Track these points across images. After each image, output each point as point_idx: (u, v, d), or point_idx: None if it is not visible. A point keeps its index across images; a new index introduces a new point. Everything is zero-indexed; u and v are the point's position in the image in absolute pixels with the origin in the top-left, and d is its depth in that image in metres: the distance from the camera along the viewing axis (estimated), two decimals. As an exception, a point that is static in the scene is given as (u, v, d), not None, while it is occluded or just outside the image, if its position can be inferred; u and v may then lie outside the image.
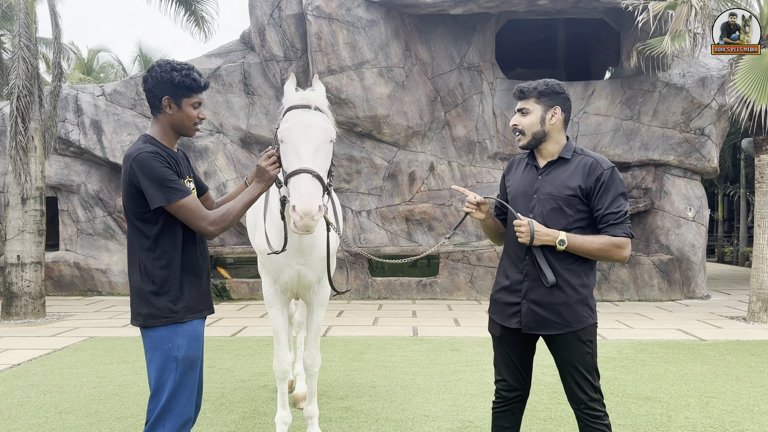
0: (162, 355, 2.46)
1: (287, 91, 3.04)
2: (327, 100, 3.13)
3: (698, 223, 10.93)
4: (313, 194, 2.67)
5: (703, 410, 4.58)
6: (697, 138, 10.85)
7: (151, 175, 2.40)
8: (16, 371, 5.87)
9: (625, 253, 2.57)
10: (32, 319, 8.86)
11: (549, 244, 2.56)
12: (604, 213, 2.57)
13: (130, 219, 2.52)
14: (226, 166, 11.44)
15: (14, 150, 8.82)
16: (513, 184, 2.82)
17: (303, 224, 2.64)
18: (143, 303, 2.48)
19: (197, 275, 2.58)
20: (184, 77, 2.52)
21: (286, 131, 2.86)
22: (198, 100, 2.60)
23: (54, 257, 11.55)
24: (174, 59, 2.62)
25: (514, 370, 2.76)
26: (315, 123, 2.87)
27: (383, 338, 7.35)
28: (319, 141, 2.85)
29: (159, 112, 2.57)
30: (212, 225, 2.49)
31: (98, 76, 24.61)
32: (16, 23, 8.96)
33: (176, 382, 2.46)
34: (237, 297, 11.03)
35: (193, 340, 2.53)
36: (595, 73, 15.13)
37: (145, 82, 2.55)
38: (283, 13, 10.83)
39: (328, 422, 4.28)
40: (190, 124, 2.61)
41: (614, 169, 2.63)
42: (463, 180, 11.39)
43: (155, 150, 2.45)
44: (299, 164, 2.74)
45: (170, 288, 2.48)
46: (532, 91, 2.67)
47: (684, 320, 8.72)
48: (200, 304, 2.59)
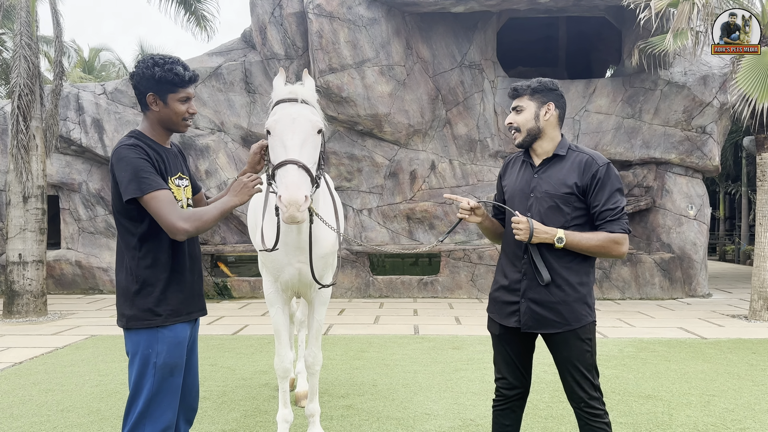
0: (141, 359, 2.39)
1: (276, 85, 3.07)
2: (316, 93, 3.15)
3: (700, 221, 10.92)
4: (299, 185, 2.68)
5: (705, 409, 4.57)
6: (699, 136, 10.83)
7: (125, 167, 2.33)
8: (18, 369, 5.89)
9: (623, 249, 2.58)
10: (34, 317, 8.87)
11: (547, 241, 2.56)
12: (601, 209, 2.58)
13: (116, 216, 2.45)
14: (227, 164, 11.44)
15: (16, 148, 8.83)
16: (509, 184, 2.82)
17: (289, 214, 2.64)
18: (127, 304, 2.41)
19: (184, 276, 2.50)
20: (165, 72, 2.42)
21: (274, 123, 2.90)
22: (185, 94, 2.49)
23: (55, 256, 11.56)
24: (159, 53, 2.54)
25: (514, 369, 2.76)
26: (302, 115, 2.90)
27: (384, 336, 7.36)
28: (306, 133, 2.86)
29: (147, 109, 2.50)
30: (184, 222, 2.33)
31: (99, 74, 24.61)
32: (17, 22, 8.96)
33: (154, 387, 2.38)
34: (238, 295, 11.04)
35: (174, 346, 2.44)
36: (597, 71, 15.11)
37: (132, 78, 2.49)
38: (284, 12, 10.82)
39: (329, 420, 4.29)
40: (178, 119, 2.51)
41: (610, 165, 2.63)
42: (464, 178, 11.38)
43: (136, 143, 2.39)
44: (286, 155, 2.76)
45: (154, 289, 2.40)
46: (525, 89, 2.69)
47: (685, 319, 8.71)
48: (187, 306, 2.51)
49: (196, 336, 2.72)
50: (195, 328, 2.67)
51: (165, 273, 2.42)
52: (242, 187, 2.51)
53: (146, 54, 2.55)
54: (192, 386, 2.67)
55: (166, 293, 2.42)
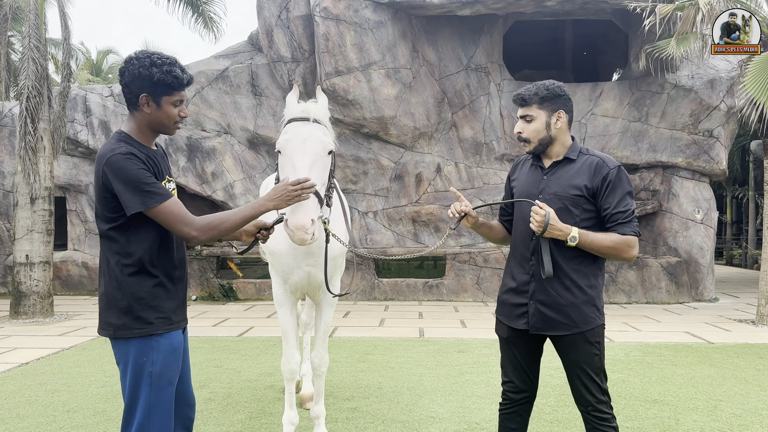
0: (134, 369, 2.29)
1: (289, 102, 3.07)
2: (328, 112, 3.15)
3: (706, 225, 10.87)
4: (307, 209, 2.68)
5: (711, 413, 4.55)
6: (706, 140, 10.80)
7: (125, 179, 2.20)
8: (25, 370, 5.91)
9: (634, 252, 2.57)
10: (40, 318, 8.90)
11: (560, 238, 2.54)
12: (612, 212, 2.57)
13: (100, 223, 2.33)
14: (233, 166, 11.47)
15: (23, 150, 8.88)
16: (518, 185, 2.81)
17: (297, 238, 2.66)
18: (113, 312, 2.29)
19: (173, 284, 2.40)
20: (164, 74, 2.27)
21: (285, 143, 2.89)
22: (179, 97, 2.35)
23: (62, 257, 11.61)
24: (156, 51, 2.37)
25: (521, 372, 2.75)
26: (313, 136, 2.89)
27: (390, 339, 7.35)
28: (317, 154, 2.87)
29: (136, 110, 2.33)
30: (198, 231, 2.25)
31: (107, 76, 24.74)
32: (25, 25, 9.02)
33: (151, 398, 2.29)
34: (244, 297, 11.05)
35: (170, 354, 2.35)
36: (603, 74, 15.09)
37: (122, 76, 2.31)
38: (291, 15, 10.85)
39: (334, 423, 4.29)
40: (170, 123, 2.37)
41: (620, 168, 2.62)
42: (470, 181, 11.37)
43: (129, 151, 2.24)
44: (295, 177, 2.73)
45: (142, 297, 2.29)
46: (533, 98, 2.63)
47: (692, 323, 8.67)
48: (177, 315, 2.41)
49: (187, 344, 2.64)
50: (185, 336, 2.60)
51: (154, 281, 2.32)
52: (284, 193, 2.40)
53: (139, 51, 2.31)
54: (187, 395, 2.58)
55: (157, 301, 2.32)
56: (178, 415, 2.54)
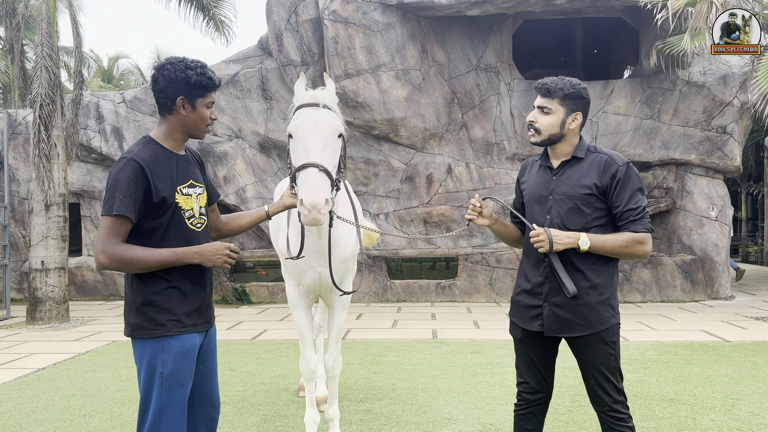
0: (147, 368, 2.35)
1: (297, 90, 3.12)
2: (336, 97, 3.21)
3: (721, 222, 10.76)
4: (321, 187, 2.71)
5: (729, 412, 4.50)
6: (719, 136, 10.69)
7: (111, 181, 2.30)
8: (41, 375, 5.96)
9: (647, 248, 2.55)
10: (56, 323, 8.99)
11: (572, 246, 2.53)
12: (623, 210, 2.55)
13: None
14: (245, 170, 11.52)
15: (38, 157, 8.97)
16: (528, 187, 2.80)
17: (311, 217, 2.67)
18: (132, 312, 2.38)
19: (191, 287, 2.43)
20: (200, 76, 2.39)
21: (296, 127, 2.94)
22: (211, 99, 2.47)
23: (77, 263, 11.71)
24: (185, 56, 2.47)
25: (536, 373, 2.73)
26: (323, 119, 2.95)
27: (402, 341, 7.34)
28: (327, 137, 2.91)
29: (170, 113, 2.44)
30: (108, 258, 2.26)
31: (118, 83, 24.98)
32: (38, 33, 9.12)
33: (162, 398, 2.33)
34: (257, 300, 11.09)
35: (182, 356, 2.37)
36: (614, 72, 14.99)
37: (156, 82, 2.41)
38: (300, 18, 10.89)
39: (348, 425, 4.29)
40: (203, 125, 2.48)
41: (629, 164, 2.60)
42: (481, 182, 11.34)
43: (139, 157, 2.32)
44: (307, 159, 2.81)
45: (158, 298, 2.35)
46: (558, 91, 2.61)
47: (708, 321, 8.58)
48: (192, 318, 2.43)
49: (214, 346, 2.66)
50: (210, 338, 2.62)
51: (164, 283, 2.36)
52: (217, 253, 2.38)
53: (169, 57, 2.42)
54: (212, 396, 2.61)
55: (172, 303, 2.37)
56: (202, 414, 2.57)
